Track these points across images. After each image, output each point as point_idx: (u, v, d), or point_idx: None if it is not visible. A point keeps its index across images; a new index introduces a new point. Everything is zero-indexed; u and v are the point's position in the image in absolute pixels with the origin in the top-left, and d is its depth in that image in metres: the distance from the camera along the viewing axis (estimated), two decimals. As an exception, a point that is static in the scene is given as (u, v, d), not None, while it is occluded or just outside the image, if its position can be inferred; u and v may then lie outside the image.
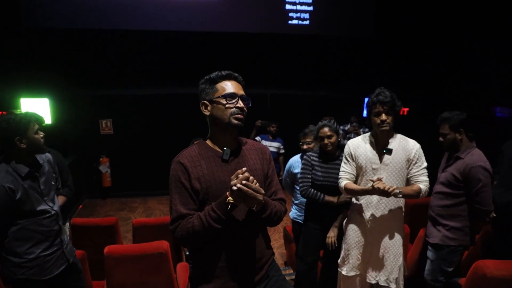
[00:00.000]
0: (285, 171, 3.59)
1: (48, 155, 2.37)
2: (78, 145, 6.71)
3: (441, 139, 2.71)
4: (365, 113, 7.11)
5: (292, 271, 3.85)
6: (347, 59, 7.26)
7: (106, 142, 6.86)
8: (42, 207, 2.13)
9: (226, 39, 7.10)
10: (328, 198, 2.80)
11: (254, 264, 1.60)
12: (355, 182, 2.51)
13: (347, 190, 2.45)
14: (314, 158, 2.92)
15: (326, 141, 2.81)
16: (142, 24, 6.87)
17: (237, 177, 1.41)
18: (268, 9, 7.49)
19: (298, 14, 7.61)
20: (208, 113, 1.62)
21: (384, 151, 2.39)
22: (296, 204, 3.48)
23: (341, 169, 2.55)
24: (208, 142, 1.66)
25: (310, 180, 2.89)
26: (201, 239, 1.50)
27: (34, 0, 6.46)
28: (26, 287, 2.10)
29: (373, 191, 2.21)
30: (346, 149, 2.56)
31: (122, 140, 6.88)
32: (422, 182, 2.35)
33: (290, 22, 7.71)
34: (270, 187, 1.70)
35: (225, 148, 1.61)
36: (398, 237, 2.44)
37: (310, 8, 7.57)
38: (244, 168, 1.44)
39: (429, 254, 2.72)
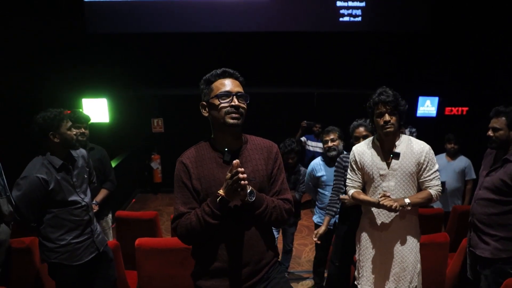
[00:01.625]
0: (306, 175, 3.48)
1: (83, 150, 2.54)
2: (132, 142, 7.11)
3: (490, 133, 2.39)
4: (418, 112, 6.77)
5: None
6: (399, 57, 6.90)
7: (157, 140, 7.20)
8: (74, 198, 2.28)
9: (274, 38, 7.10)
10: (343, 197, 2.74)
11: (252, 265, 1.56)
12: (363, 189, 2.37)
13: (354, 199, 2.33)
14: (347, 160, 2.81)
15: (361, 141, 2.68)
16: (194, 26, 7.12)
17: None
18: (319, 6, 7.36)
19: (350, 11, 7.39)
20: (207, 115, 1.61)
21: (391, 155, 2.21)
22: (320, 208, 3.37)
23: (348, 177, 2.42)
24: (211, 142, 1.64)
25: (343, 185, 2.82)
26: (199, 235, 1.51)
27: (97, 8, 6.99)
28: (59, 270, 2.27)
29: (379, 205, 2.08)
30: (351, 156, 2.40)
31: (172, 138, 7.16)
32: (433, 187, 2.17)
33: (341, 19, 7.52)
34: (274, 186, 1.64)
35: (226, 150, 1.58)
36: (414, 243, 2.26)
37: (363, 3, 7.32)
38: (234, 161, 1.42)
39: (480, 268, 2.43)
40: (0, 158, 2.49)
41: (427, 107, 6.74)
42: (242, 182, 1.40)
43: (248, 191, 1.46)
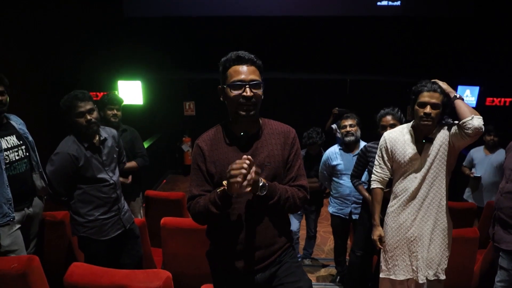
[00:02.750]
0: (321, 164, 3.41)
1: (113, 130, 2.61)
2: (164, 125, 7.28)
3: None
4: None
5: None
6: (439, 43, 6.59)
7: (188, 123, 7.32)
8: (102, 175, 2.38)
9: (308, 23, 6.97)
10: (362, 190, 2.83)
11: (263, 249, 1.56)
12: (390, 180, 2.34)
13: (373, 194, 2.38)
14: (372, 149, 2.77)
15: (388, 130, 2.60)
16: (228, 10, 7.12)
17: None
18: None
19: (389, -6, 7.11)
20: (222, 99, 1.59)
21: (424, 140, 2.13)
22: (335, 198, 3.32)
23: (375, 167, 2.35)
24: (228, 126, 1.63)
25: (359, 172, 2.89)
26: (206, 219, 1.54)
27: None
28: (87, 243, 2.39)
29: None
30: (381, 143, 2.31)
31: (203, 121, 7.24)
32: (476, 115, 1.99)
33: (379, 3, 7.25)
34: (290, 172, 1.61)
35: (242, 133, 1.56)
36: (443, 227, 2.19)
37: (403, -13, 7.01)
38: (244, 156, 1.36)
39: (503, 262, 2.36)
40: (37, 136, 2.64)
41: (467, 97, 6.41)
42: (238, 179, 1.31)
43: (260, 184, 1.43)
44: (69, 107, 2.27)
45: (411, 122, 2.24)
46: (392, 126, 2.61)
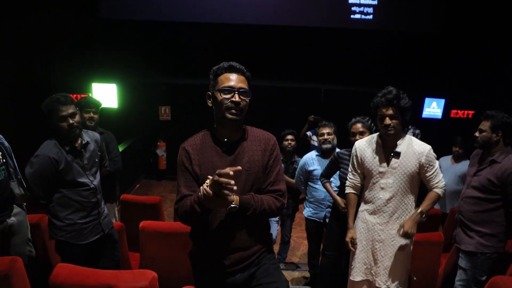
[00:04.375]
0: (298, 169, 3.54)
1: (96, 134, 2.61)
2: (139, 129, 7.21)
3: (476, 134, 2.58)
4: (424, 113, 6.78)
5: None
6: (408, 57, 6.90)
7: (163, 128, 7.29)
8: (83, 179, 2.37)
9: (284, 32, 7.11)
10: (328, 187, 3.05)
11: (242, 251, 1.65)
12: (362, 185, 2.48)
13: (347, 199, 2.54)
14: (343, 156, 2.90)
15: (358, 137, 2.76)
16: (206, 17, 7.16)
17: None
18: (331, 2, 7.35)
19: (362, 8, 7.38)
20: (211, 105, 1.68)
21: (392, 154, 2.28)
22: (310, 202, 3.44)
23: (349, 173, 2.52)
24: (213, 132, 1.71)
25: (329, 173, 3.07)
26: (193, 219, 1.61)
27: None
28: (65, 247, 2.37)
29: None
30: (353, 151, 2.47)
31: (178, 126, 7.24)
32: (438, 184, 2.28)
33: (352, 16, 7.51)
34: (269, 177, 1.70)
35: (225, 140, 1.66)
36: (408, 240, 2.32)
37: (375, 2, 7.30)
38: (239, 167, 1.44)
39: (462, 262, 2.57)
40: (13, 141, 2.58)
41: (433, 108, 6.75)
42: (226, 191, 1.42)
43: (232, 205, 1.51)
44: (51, 111, 2.25)
45: (380, 132, 2.39)
46: (362, 133, 2.79)
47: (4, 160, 2.34)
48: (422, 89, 6.80)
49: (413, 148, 2.26)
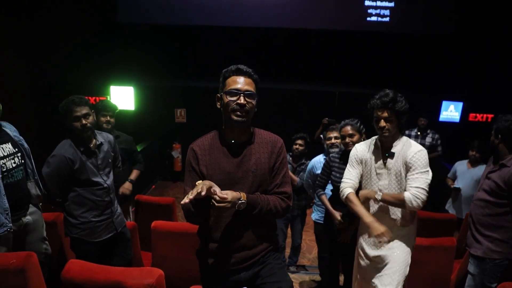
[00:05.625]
0: (306, 172, 3.53)
1: (110, 136, 2.69)
2: (155, 131, 7.33)
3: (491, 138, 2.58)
4: (441, 117, 6.67)
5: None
6: (425, 59, 6.81)
7: (179, 130, 7.38)
8: (97, 179, 2.45)
9: (300, 35, 7.13)
10: (324, 200, 2.95)
11: (247, 250, 1.69)
12: (359, 187, 2.40)
13: (349, 200, 2.31)
14: (334, 159, 2.89)
15: (347, 139, 2.76)
16: (222, 20, 7.25)
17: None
18: (347, 5, 7.33)
19: (378, 11, 7.33)
20: (219, 107, 1.72)
21: (387, 154, 2.26)
22: (318, 206, 3.42)
23: (346, 174, 2.41)
24: (221, 133, 1.75)
25: (324, 182, 3.00)
26: (192, 217, 1.67)
27: (128, -1, 7.23)
28: (79, 244, 2.46)
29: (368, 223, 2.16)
30: (353, 152, 2.42)
31: (194, 128, 7.31)
32: (412, 189, 2.11)
33: (369, 19, 7.46)
34: (275, 179, 1.72)
35: (232, 141, 1.70)
36: (406, 249, 2.28)
37: (391, 4, 7.25)
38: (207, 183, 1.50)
39: (470, 267, 2.52)
40: (34, 143, 2.68)
41: (451, 112, 6.63)
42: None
43: (240, 201, 1.56)
44: (66, 111, 2.34)
45: (377, 136, 2.37)
46: (351, 136, 2.78)
47: (22, 161, 2.40)
48: (439, 92, 6.70)
49: (405, 149, 2.23)
